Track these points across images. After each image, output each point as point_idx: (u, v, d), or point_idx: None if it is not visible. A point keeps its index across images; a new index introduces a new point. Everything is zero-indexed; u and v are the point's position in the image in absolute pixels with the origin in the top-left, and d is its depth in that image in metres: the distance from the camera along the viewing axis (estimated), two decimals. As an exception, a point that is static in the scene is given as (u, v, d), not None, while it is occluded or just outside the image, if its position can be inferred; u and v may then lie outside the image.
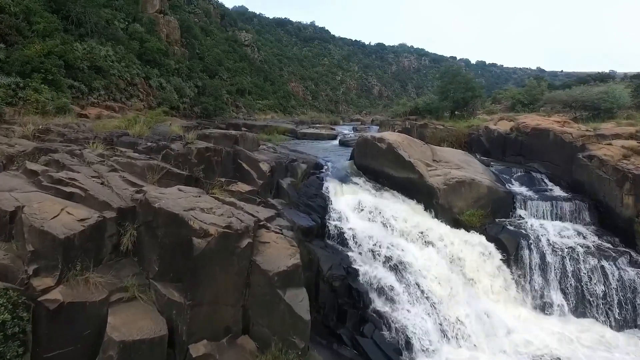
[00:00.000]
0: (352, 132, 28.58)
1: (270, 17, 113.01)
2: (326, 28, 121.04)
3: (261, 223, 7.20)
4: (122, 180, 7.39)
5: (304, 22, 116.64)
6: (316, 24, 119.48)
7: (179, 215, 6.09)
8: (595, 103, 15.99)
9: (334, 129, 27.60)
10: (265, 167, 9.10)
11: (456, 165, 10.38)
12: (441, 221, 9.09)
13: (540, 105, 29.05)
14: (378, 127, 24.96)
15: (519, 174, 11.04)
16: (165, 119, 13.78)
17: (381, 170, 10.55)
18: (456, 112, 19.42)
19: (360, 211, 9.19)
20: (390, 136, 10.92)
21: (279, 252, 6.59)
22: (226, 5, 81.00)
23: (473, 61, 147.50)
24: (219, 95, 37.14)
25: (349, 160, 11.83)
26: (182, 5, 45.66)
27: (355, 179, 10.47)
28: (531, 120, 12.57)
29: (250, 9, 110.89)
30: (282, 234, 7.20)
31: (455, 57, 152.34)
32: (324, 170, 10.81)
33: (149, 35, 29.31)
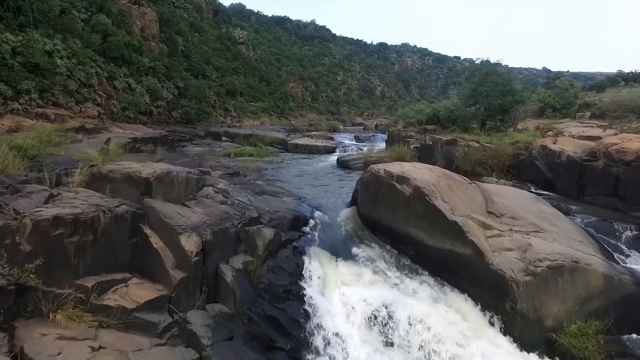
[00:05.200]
0: (354, 141, 24.30)
1: (269, 15, 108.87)
2: (327, 27, 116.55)
3: None
4: None
5: (304, 20, 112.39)
6: (317, 23, 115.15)
7: None
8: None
9: (332, 138, 23.29)
10: (191, 243, 4.82)
11: (533, 225, 6.07)
12: (523, 348, 4.81)
13: (576, 110, 24.75)
14: (386, 138, 20.66)
15: (629, 233, 6.73)
16: (64, 138, 9.28)
17: (404, 231, 6.27)
18: (487, 123, 15.11)
19: (369, 325, 4.93)
20: (417, 173, 6.62)
21: None
22: (223, 3, 76.74)
23: (477, 61, 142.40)
24: (203, 97, 32.89)
25: (350, 206, 7.55)
26: (166, -3, 41.38)
27: (360, 249, 6.18)
28: (628, 141, 8.23)
29: (248, 7, 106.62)
30: None
31: (459, 57, 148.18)
32: (308, 230, 6.52)
33: (116, 28, 25.06)
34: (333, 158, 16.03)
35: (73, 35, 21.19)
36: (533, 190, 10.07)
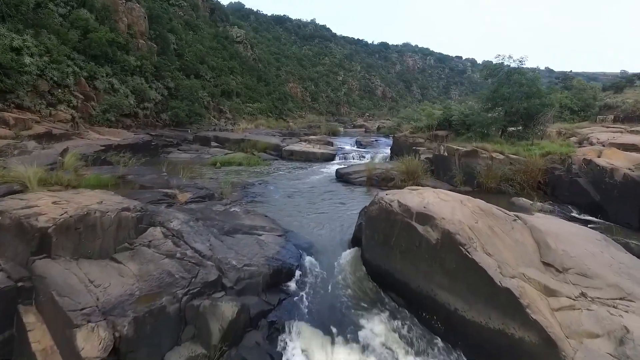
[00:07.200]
0: (355, 147, 22.47)
1: (269, 14, 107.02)
2: (327, 26, 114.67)
3: None
4: None
5: (304, 20, 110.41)
6: (317, 22, 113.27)
7: None
8: None
9: (331, 143, 21.47)
10: (94, 342, 2.97)
11: (616, 289, 4.21)
12: None
13: (597, 113, 22.86)
14: (390, 143, 18.81)
15: None
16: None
17: (428, 293, 4.43)
18: (509, 130, 13.22)
19: None
20: (445, 208, 4.77)
21: None
22: (221, 1, 74.56)
23: (479, 61, 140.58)
24: (195, 98, 31.04)
25: (351, 247, 5.70)
26: (158, -7, 39.40)
27: (366, 319, 4.33)
28: None
29: (247, 5, 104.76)
30: None
31: (460, 57, 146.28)
32: (293, 287, 4.67)
33: (98, 24, 23.22)
34: (332, 168, 14.19)
35: (48, 31, 19.36)
36: (576, 215, 8.25)
